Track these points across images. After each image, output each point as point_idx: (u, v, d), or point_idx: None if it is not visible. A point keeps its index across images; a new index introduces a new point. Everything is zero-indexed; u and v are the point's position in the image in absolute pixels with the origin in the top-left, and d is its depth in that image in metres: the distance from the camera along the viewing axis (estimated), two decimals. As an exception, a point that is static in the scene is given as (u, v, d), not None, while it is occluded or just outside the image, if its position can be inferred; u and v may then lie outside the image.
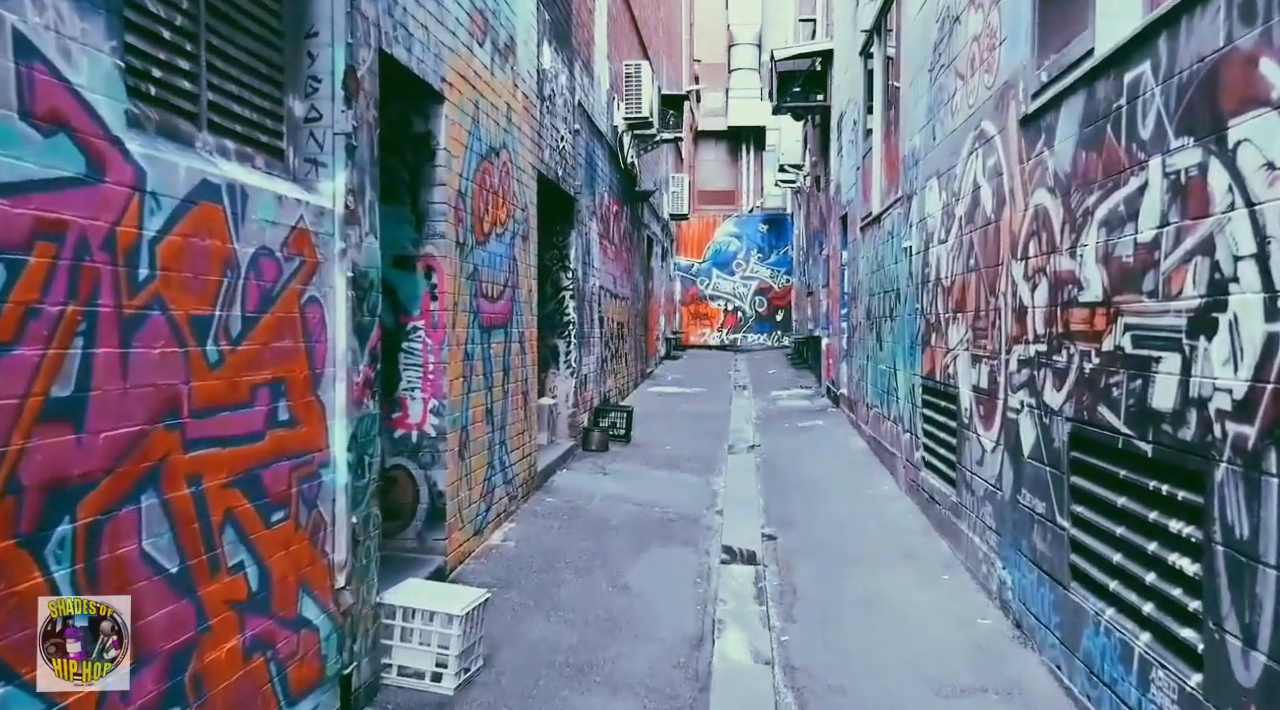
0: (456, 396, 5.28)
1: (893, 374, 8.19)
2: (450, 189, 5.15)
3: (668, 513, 6.95)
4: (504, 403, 6.34)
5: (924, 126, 6.74)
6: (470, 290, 5.57)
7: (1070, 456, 3.75)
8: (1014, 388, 4.52)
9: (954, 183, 5.81)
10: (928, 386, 6.61)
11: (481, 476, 5.82)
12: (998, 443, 4.80)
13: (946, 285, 6.02)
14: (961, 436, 5.59)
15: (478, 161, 5.69)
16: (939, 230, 6.24)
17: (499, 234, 6.21)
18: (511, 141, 6.52)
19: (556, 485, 7.71)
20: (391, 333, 5.08)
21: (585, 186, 9.84)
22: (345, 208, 3.32)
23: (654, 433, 10.75)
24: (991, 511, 4.90)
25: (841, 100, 12.39)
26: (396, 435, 5.10)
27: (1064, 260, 3.83)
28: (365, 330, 3.58)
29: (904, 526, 6.45)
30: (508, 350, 6.44)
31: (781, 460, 9.10)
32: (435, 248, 5.07)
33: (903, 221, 7.66)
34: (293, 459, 2.98)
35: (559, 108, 8.30)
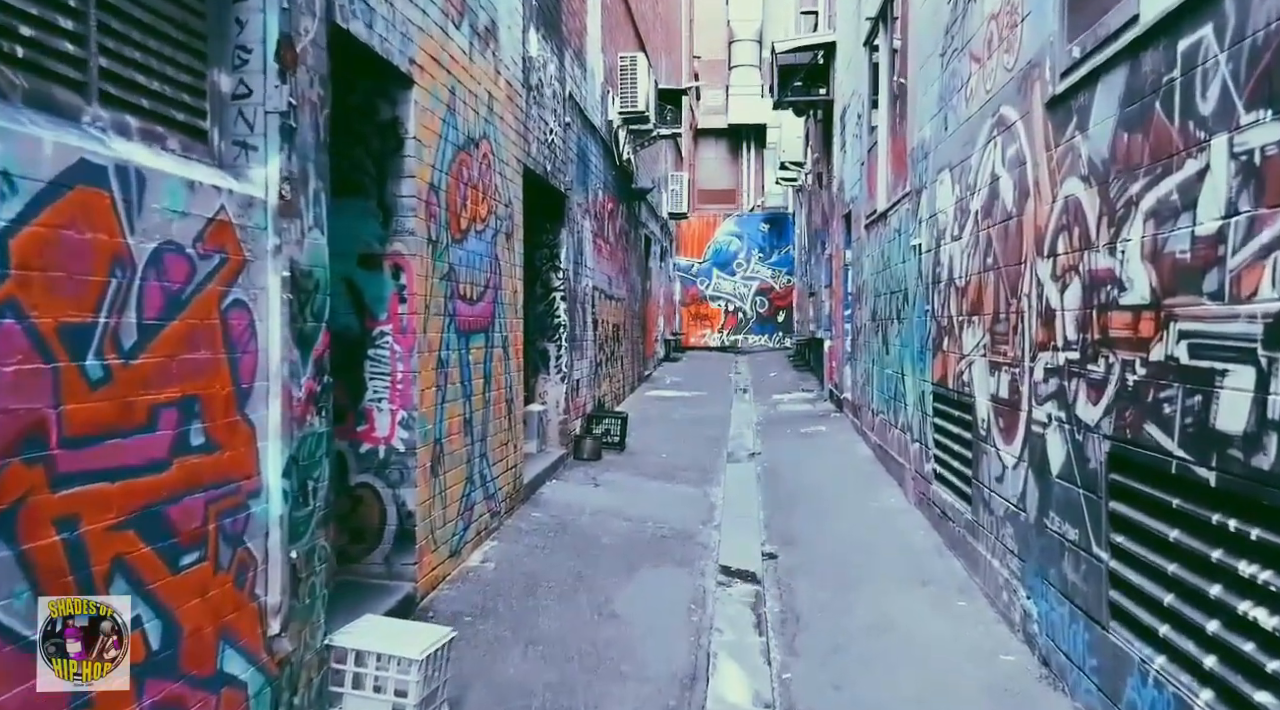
0: (429, 407, 4.85)
1: (900, 379, 7.75)
2: (421, 181, 4.72)
3: (662, 528, 6.51)
4: (485, 412, 5.91)
5: (934, 116, 6.31)
6: (445, 291, 5.13)
7: (1109, 479, 3.31)
8: (1039, 399, 4.08)
9: (969, 175, 5.37)
10: (939, 394, 6.18)
11: (459, 493, 5.38)
12: (1020, 459, 4.37)
13: (960, 285, 5.59)
14: (978, 450, 5.16)
15: (454, 152, 5.26)
16: (952, 226, 5.80)
17: (479, 231, 5.78)
18: (493, 132, 6.09)
19: (544, 498, 7.28)
20: (357, 338, 4.65)
21: (577, 182, 9.40)
22: (280, 198, 2.89)
23: (650, 440, 10.31)
24: (1013, 534, 4.46)
25: (844, 94, 11.96)
26: (362, 450, 4.67)
27: (1101, 257, 3.39)
28: (309, 338, 3.15)
29: (914, 544, 6.01)
30: (489, 356, 6.01)
31: (783, 469, 8.66)
32: (404, 245, 4.64)
33: (911, 218, 7.23)
34: (210, 490, 2.55)
35: (547, 99, 7.87)
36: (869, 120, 9.85)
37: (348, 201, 4.62)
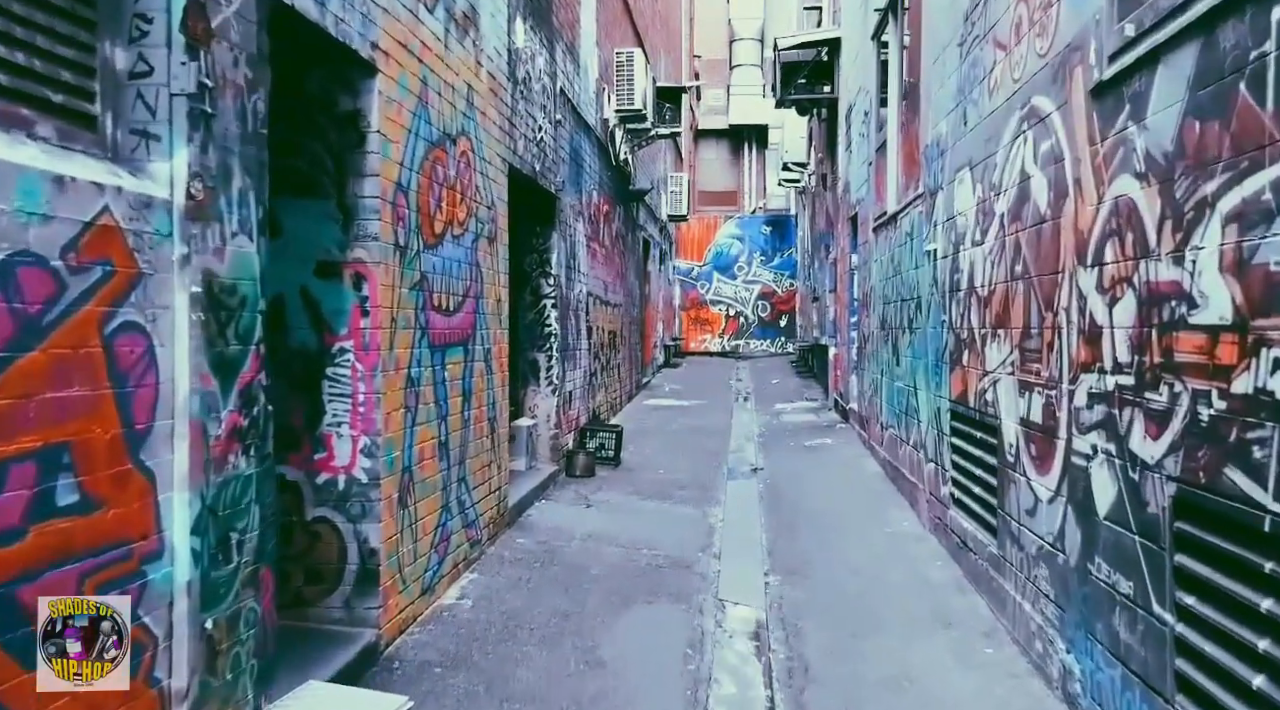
0: (396, 431, 4.36)
1: (912, 393, 7.26)
2: (386, 180, 4.23)
3: (657, 556, 6.02)
4: (464, 433, 5.42)
5: (952, 110, 5.82)
6: (416, 302, 4.65)
7: (1175, 528, 2.82)
8: (1082, 427, 3.59)
9: (993, 173, 4.89)
10: (958, 413, 5.68)
11: (432, 523, 4.90)
12: (1057, 493, 3.88)
13: (983, 295, 5.10)
14: (1004, 477, 4.67)
15: (426, 149, 4.78)
16: (972, 230, 5.32)
17: (457, 235, 5.29)
18: (473, 128, 5.60)
19: (532, 522, 6.79)
20: (314, 356, 4.17)
21: (570, 183, 8.92)
22: (190, 197, 2.40)
23: (647, 453, 9.82)
24: (1049, 576, 3.97)
25: (850, 91, 11.48)
26: (320, 481, 4.18)
27: (1163, 268, 2.90)
28: (232, 363, 2.66)
29: (932, 576, 5.51)
30: (469, 371, 5.52)
31: (787, 487, 8.17)
32: (366, 252, 4.16)
33: (924, 221, 6.74)
34: (86, 560, 2.06)
35: (536, 94, 7.38)
36: (877, 118, 9.37)
37: (303, 203, 4.14)
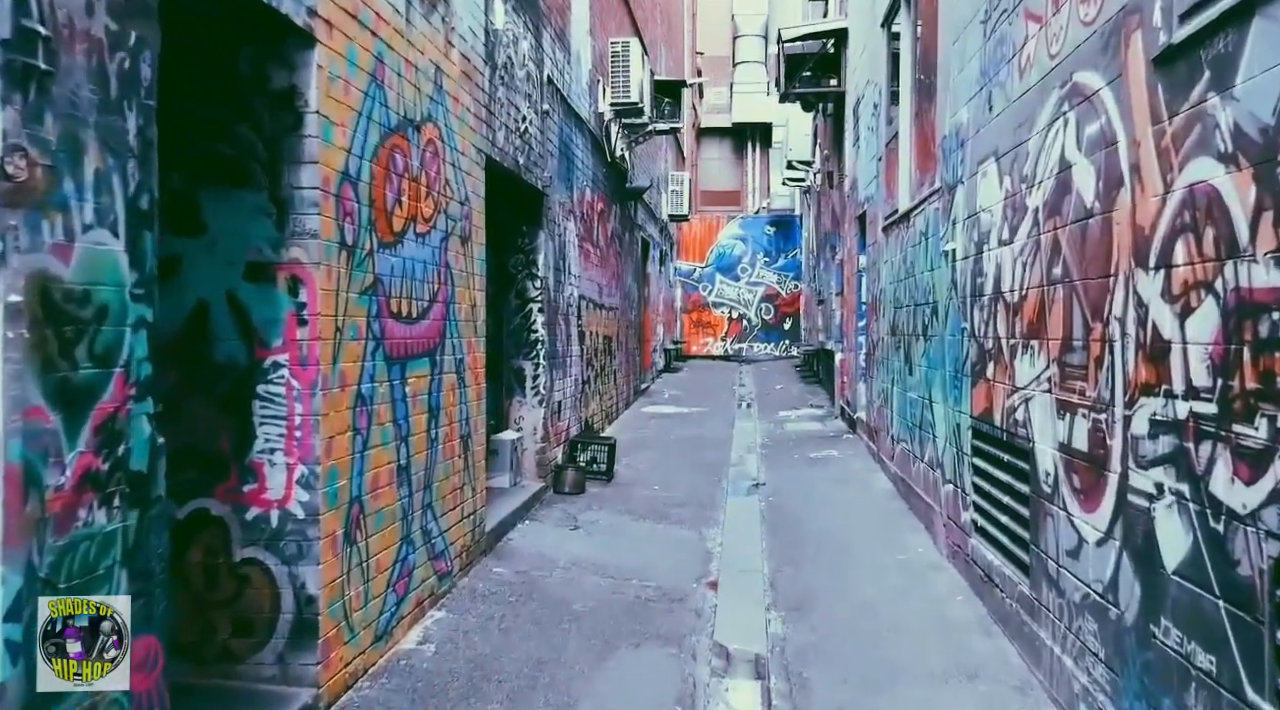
0: (341, 457, 3.80)
1: (927, 406, 6.68)
2: (327, 169, 3.67)
3: (647, 588, 5.45)
4: (430, 454, 4.86)
5: (974, 96, 5.25)
6: (369, 308, 4.09)
7: (1278, 599, 2.25)
8: (1142, 460, 3.02)
9: (1024, 163, 4.31)
10: (981, 431, 5.11)
11: (390, 558, 4.33)
12: (1108, 535, 3.30)
13: (1011, 301, 4.52)
14: (1038, 509, 4.09)
15: (382, 135, 4.22)
16: (999, 228, 4.74)
17: (421, 234, 4.73)
18: (443, 115, 5.04)
19: (512, 547, 6.22)
20: (243, 372, 3.60)
21: (559, 180, 8.35)
22: (3, 177, 1.84)
23: (642, 467, 9.25)
24: (1097, 631, 3.39)
25: (858, 84, 10.90)
26: (249, 517, 3.62)
27: (1259, 271, 2.33)
28: (84, 392, 2.10)
29: (952, 615, 4.93)
30: (436, 385, 4.96)
31: (791, 505, 7.59)
32: (304, 251, 3.59)
33: (941, 219, 6.16)
34: None
35: (519, 82, 6.82)
36: (887, 110, 8.79)
37: (231, 195, 3.58)
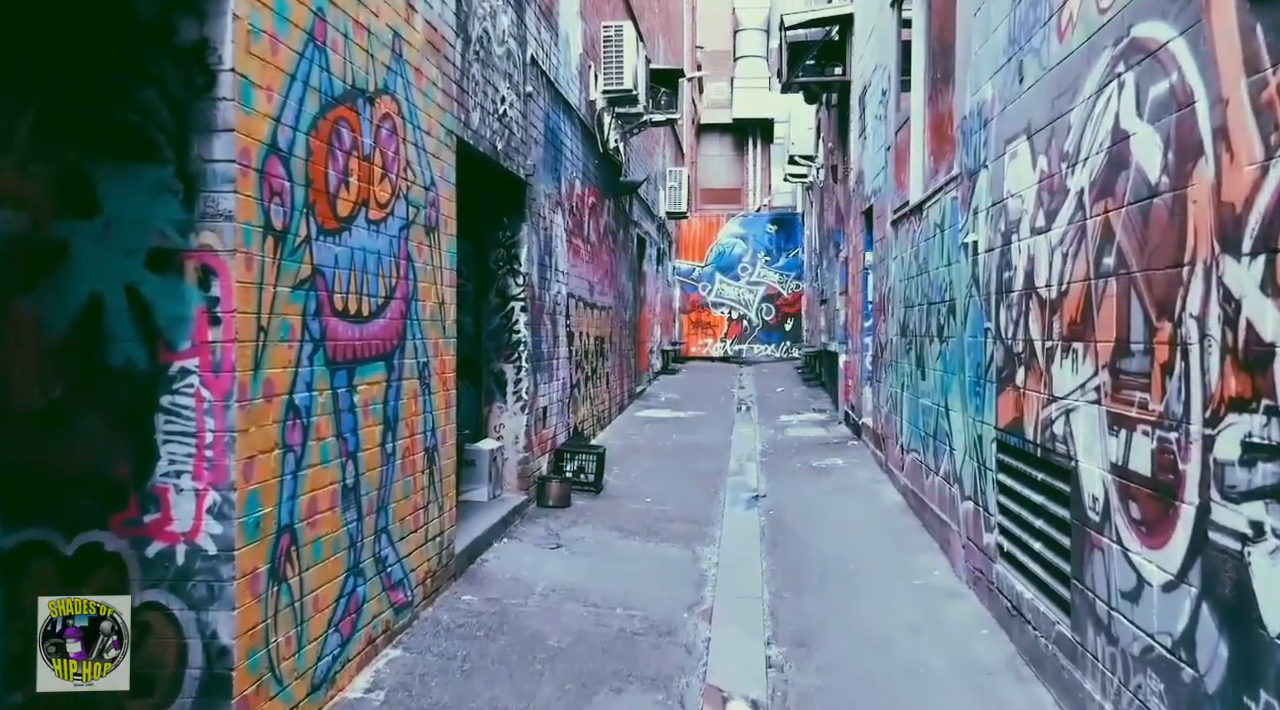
0: (265, 480, 3.22)
1: (943, 414, 6.11)
2: (247, 139, 3.10)
3: (633, 618, 4.88)
4: (385, 471, 4.29)
5: (1000, 69, 4.68)
6: (305, 305, 3.52)
7: None
8: (1231, 492, 2.44)
9: (1064, 139, 3.74)
10: (1009, 445, 4.53)
11: (332, 594, 3.76)
12: (1181, 579, 2.72)
13: (1048, 297, 3.95)
14: (1083, 538, 3.51)
15: (323, 105, 3.64)
16: (1032, 214, 4.17)
17: (375, 221, 4.16)
18: (402, 88, 4.47)
19: (486, 570, 5.64)
20: (145, 380, 3.03)
21: (545, 169, 7.78)
22: None
23: (634, 476, 8.67)
24: (1165, 692, 2.81)
25: (865, 72, 10.33)
26: (151, 553, 3.04)
27: None
28: None
29: (977, 653, 4.35)
30: (394, 392, 4.38)
31: (793, 521, 7.01)
32: (217, 236, 3.02)
33: (960, 209, 5.59)
34: None
35: (498, 59, 6.25)
36: (897, 96, 8.22)
37: (130, 170, 3.01)
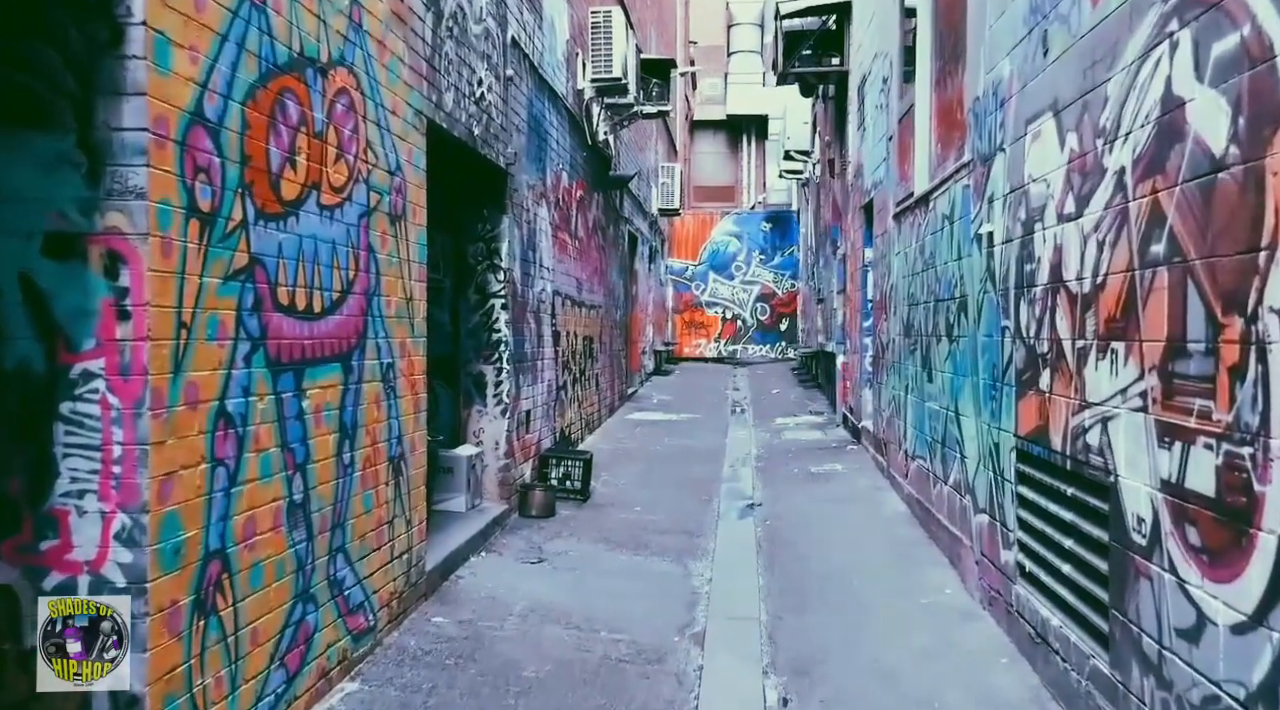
0: (187, 500, 2.79)
1: (952, 420, 5.70)
2: (163, 105, 2.67)
3: (619, 642, 4.45)
4: (342, 483, 3.86)
5: (1020, 42, 4.27)
6: (241, 299, 3.09)
7: None
8: (1327, 521, 2.03)
9: (1100, 113, 3.32)
10: (1032, 455, 4.12)
11: (276, 624, 3.33)
12: (1259, 621, 2.31)
13: (1079, 290, 3.54)
14: (1126, 564, 3.10)
15: (264, 73, 3.21)
16: (1060, 200, 3.75)
17: (329, 207, 3.73)
18: (362, 60, 4.04)
19: (460, 588, 5.21)
20: (41, 384, 2.60)
21: (529, 159, 7.35)
22: None
23: (623, 483, 8.25)
24: (1233, 753, 2.40)
25: (864, 61, 9.92)
26: (50, 585, 2.61)
27: None
28: None
29: (997, 686, 3.94)
30: (352, 397, 3.95)
31: (791, 532, 6.60)
32: (126, 217, 2.59)
33: (972, 197, 5.18)
34: None
35: (475, 39, 5.82)
36: (900, 83, 7.81)
37: (24, 138, 2.59)
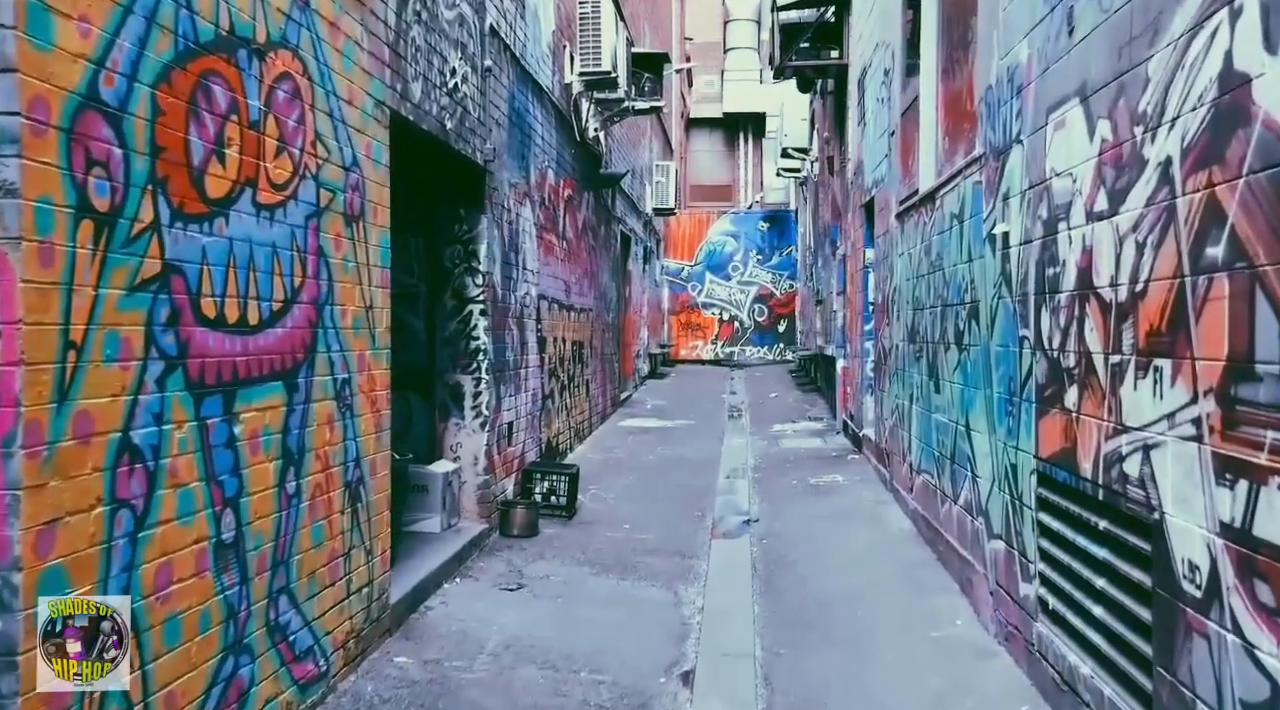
0: (78, 551, 2.37)
1: (962, 434, 5.29)
2: (45, 86, 2.25)
3: (599, 686, 4.04)
4: (285, 517, 3.44)
5: (1040, 22, 3.86)
6: (151, 313, 2.67)
7: None
8: None
9: (1141, 96, 2.91)
10: (1055, 481, 3.71)
11: (200, 684, 2.91)
12: (1355, 705, 1.90)
13: (1113, 298, 3.12)
14: (1176, 617, 2.68)
15: (182, 52, 2.80)
16: (1089, 196, 3.34)
17: (268, 206, 3.31)
18: (310, 43, 3.63)
19: (429, 621, 4.79)
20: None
21: (510, 156, 6.94)
22: None
23: (612, 497, 7.83)
24: None
25: (864, 52, 9.51)
26: (-96, 657, 2.19)
27: None
28: None
29: (1019, 739, 3.53)
30: (298, 419, 3.53)
31: (790, 551, 6.19)
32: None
33: (985, 194, 4.77)
34: None
35: (447, 25, 5.41)
36: (903, 75, 7.40)
37: None
